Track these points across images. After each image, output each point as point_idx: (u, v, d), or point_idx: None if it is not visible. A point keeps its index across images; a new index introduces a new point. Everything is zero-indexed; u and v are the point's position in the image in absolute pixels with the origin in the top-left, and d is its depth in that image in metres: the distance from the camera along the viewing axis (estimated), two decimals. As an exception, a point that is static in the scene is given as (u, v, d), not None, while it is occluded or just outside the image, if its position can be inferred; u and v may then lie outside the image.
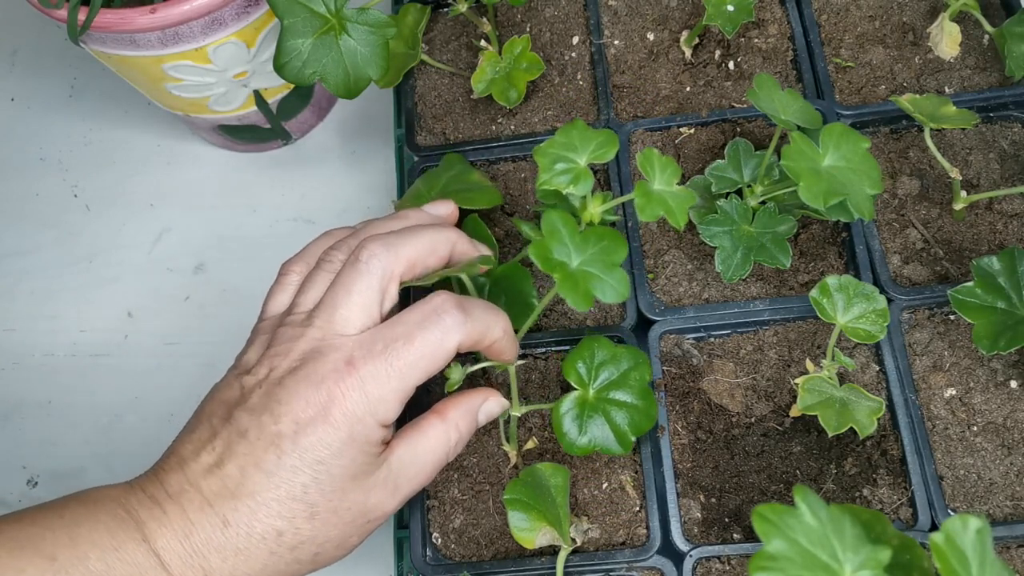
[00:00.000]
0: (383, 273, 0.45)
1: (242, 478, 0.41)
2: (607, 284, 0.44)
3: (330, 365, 0.42)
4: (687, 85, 0.63)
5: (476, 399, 0.48)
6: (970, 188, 0.58)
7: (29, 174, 0.75)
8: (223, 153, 0.74)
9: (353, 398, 0.42)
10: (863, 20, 0.64)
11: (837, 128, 0.49)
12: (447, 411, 0.47)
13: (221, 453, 0.42)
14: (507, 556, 0.52)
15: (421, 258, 0.46)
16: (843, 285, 0.50)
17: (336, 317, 0.44)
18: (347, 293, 0.44)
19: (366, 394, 0.42)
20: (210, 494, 0.41)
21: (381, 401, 0.42)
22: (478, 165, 0.62)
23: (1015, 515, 0.50)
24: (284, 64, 0.52)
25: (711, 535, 0.51)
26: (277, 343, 0.44)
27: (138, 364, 0.68)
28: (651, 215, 0.46)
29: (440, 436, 0.46)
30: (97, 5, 0.54)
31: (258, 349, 0.46)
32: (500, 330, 0.46)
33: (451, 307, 0.44)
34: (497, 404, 0.49)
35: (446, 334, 0.43)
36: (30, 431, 0.66)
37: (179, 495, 0.41)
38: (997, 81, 0.60)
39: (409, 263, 0.46)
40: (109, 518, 0.41)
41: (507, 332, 0.47)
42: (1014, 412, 0.52)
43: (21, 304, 0.71)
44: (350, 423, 0.42)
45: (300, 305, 0.46)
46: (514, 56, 0.61)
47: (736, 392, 0.54)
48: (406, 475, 0.45)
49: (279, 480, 0.41)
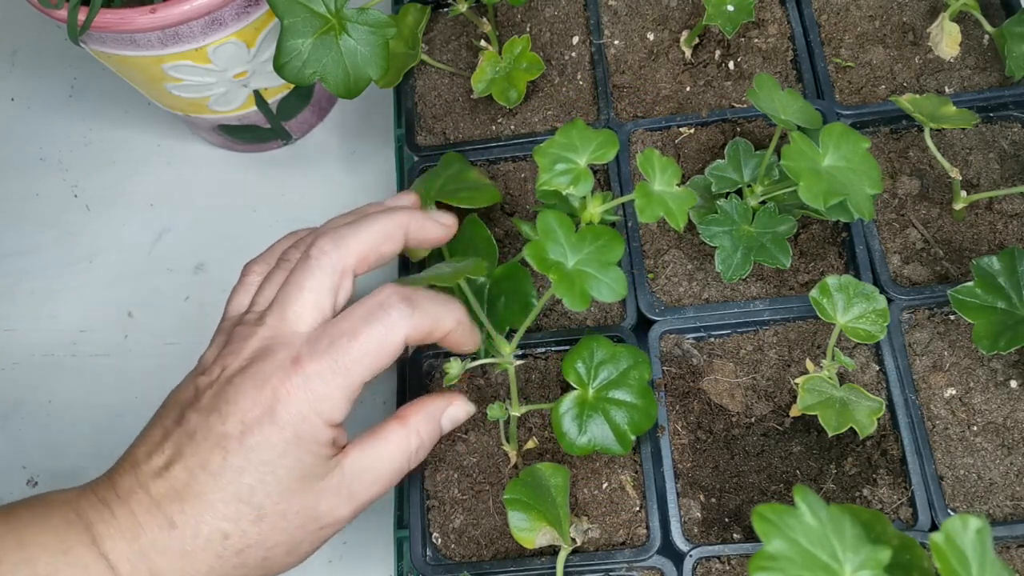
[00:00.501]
0: (333, 268, 0.44)
1: (189, 479, 0.41)
2: (603, 283, 0.44)
3: (277, 363, 0.42)
4: (687, 85, 0.63)
5: (439, 404, 0.47)
6: (970, 188, 0.58)
7: (29, 174, 0.75)
8: (223, 153, 0.74)
9: (298, 396, 0.41)
10: (863, 20, 0.64)
11: (837, 128, 0.49)
12: (408, 416, 0.46)
13: (171, 455, 0.41)
14: (507, 556, 0.52)
15: (373, 247, 0.46)
16: (843, 285, 0.50)
17: (288, 314, 0.44)
18: (299, 290, 0.44)
19: (311, 392, 0.41)
20: (158, 496, 0.41)
21: (327, 399, 0.42)
22: (478, 165, 0.62)
23: (1015, 515, 0.50)
24: (284, 64, 0.52)
25: (711, 535, 0.51)
26: (231, 342, 0.44)
27: (138, 364, 0.68)
28: (651, 216, 0.46)
29: (400, 442, 0.45)
30: (97, 5, 0.54)
31: (215, 350, 0.46)
32: (452, 320, 0.45)
33: (396, 300, 0.43)
34: (462, 409, 0.48)
35: (391, 328, 0.43)
36: (30, 431, 0.66)
37: (128, 497, 0.41)
38: (997, 81, 0.60)
39: (360, 256, 0.45)
40: (59, 521, 0.41)
41: (461, 322, 0.46)
42: (1014, 412, 0.52)
43: (21, 304, 0.71)
44: (295, 422, 0.41)
45: (256, 304, 0.46)
46: (514, 56, 0.61)
47: (736, 392, 0.54)
48: (361, 481, 0.44)
49: (225, 481, 0.41)
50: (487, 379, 0.56)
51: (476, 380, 0.57)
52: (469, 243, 0.57)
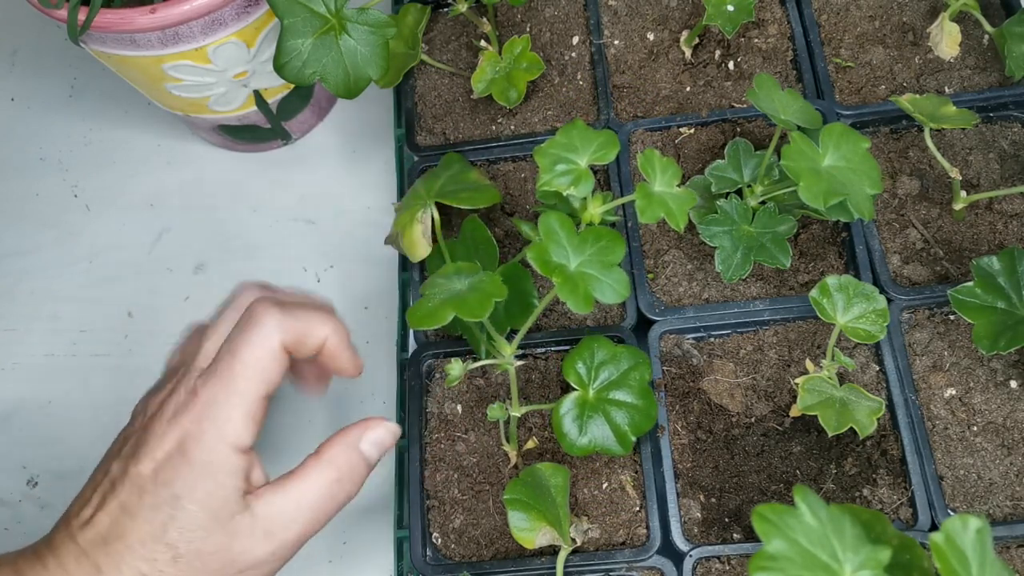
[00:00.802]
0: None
1: (111, 524, 0.41)
2: (606, 285, 0.44)
3: (181, 399, 0.43)
4: (687, 85, 0.63)
5: (355, 431, 0.46)
6: (970, 188, 0.58)
7: (29, 174, 0.75)
8: (223, 153, 0.74)
9: (201, 427, 0.42)
10: (863, 20, 0.64)
11: (837, 128, 0.49)
12: (323, 449, 0.46)
13: (97, 503, 0.42)
14: (507, 556, 0.52)
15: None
16: (843, 285, 0.50)
17: (200, 356, 0.45)
18: (214, 333, 0.46)
19: (212, 419, 0.42)
20: (86, 544, 0.41)
21: (227, 421, 0.42)
22: (478, 165, 0.62)
23: (1015, 515, 0.50)
24: (284, 64, 0.52)
25: (711, 535, 0.51)
26: (156, 393, 0.46)
27: (138, 364, 0.68)
28: (652, 217, 0.46)
29: (318, 477, 0.44)
30: (97, 5, 0.54)
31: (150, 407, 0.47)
32: (327, 329, 0.45)
33: (266, 307, 0.44)
34: (385, 432, 0.47)
35: (267, 337, 0.43)
36: (30, 431, 0.66)
37: (60, 549, 0.42)
38: (997, 81, 0.60)
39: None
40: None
41: (338, 334, 0.46)
42: (1014, 412, 0.52)
43: (21, 304, 0.71)
44: (202, 452, 0.42)
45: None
46: (514, 56, 0.61)
47: (736, 392, 0.54)
48: (278, 521, 0.43)
49: (141, 520, 0.41)
50: (487, 379, 0.56)
51: (476, 380, 0.57)
52: (469, 243, 0.57)
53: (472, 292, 0.46)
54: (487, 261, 0.56)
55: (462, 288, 0.47)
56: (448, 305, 0.45)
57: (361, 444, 0.46)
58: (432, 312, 0.45)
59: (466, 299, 0.45)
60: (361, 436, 0.46)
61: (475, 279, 0.47)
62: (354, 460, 0.46)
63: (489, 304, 0.44)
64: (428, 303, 0.46)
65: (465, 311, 0.44)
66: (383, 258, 0.68)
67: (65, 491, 0.65)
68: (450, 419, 0.56)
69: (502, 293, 0.45)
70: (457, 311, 0.44)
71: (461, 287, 0.47)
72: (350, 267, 0.69)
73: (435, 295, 0.46)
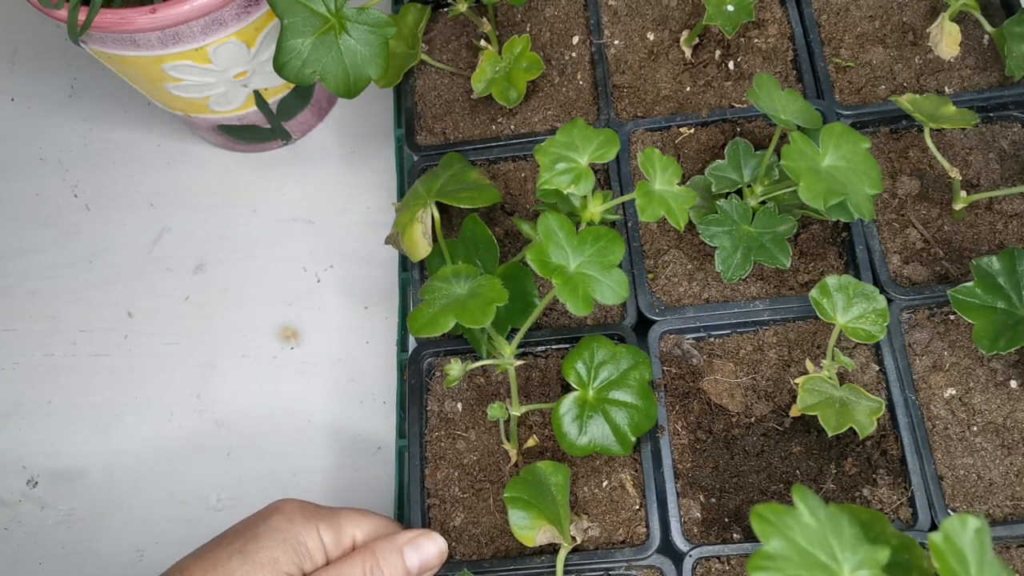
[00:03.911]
0: None
1: None
2: (605, 286, 0.44)
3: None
4: (687, 85, 0.63)
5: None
6: (970, 188, 0.58)
7: (29, 174, 0.75)
8: (223, 153, 0.74)
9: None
10: (863, 20, 0.64)
11: (837, 128, 0.49)
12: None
13: None
14: (507, 554, 0.52)
15: None
16: (843, 285, 0.50)
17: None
18: None
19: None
20: None
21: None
22: (478, 165, 0.62)
23: (1015, 515, 0.50)
24: (284, 64, 0.52)
25: (711, 535, 0.51)
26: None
27: (138, 364, 0.68)
28: (652, 215, 0.46)
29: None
30: (97, 5, 0.54)
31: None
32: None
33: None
34: (433, 546, 0.50)
35: None
36: (30, 431, 0.66)
37: None
38: (997, 81, 0.60)
39: None
40: None
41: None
42: (1014, 412, 0.52)
43: (21, 304, 0.71)
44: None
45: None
46: (514, 56, 0.61)
47: (736, 392, 0.54)
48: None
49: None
50: (488, 377, 0.56)
51: (477, 378, 0.57)
52: (469, 242, 0.57)
53: (473, 298, 0.45)
54: (487, 261, 0.56)
55: (462, 293, 0.46)
56: (449, 311, 0.45)
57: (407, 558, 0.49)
58: (433, 319, 0.45)
59: (467, 305, 0.45)
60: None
61: (475, 283, 0.47)
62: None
63: (491, 311, 0.44)
64: (428, 309, 0.46)
65: (467, 318, 0.44)
66: (383, 258, 0.68)
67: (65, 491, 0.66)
68: (450, 417, 0.56)
69: (503, 298, 0.45)
70: (458, 318, 0.44)
71: (461, 292, 0.47)
72: (350, 267, 0.69)
73: (435, 300, 0.46)
